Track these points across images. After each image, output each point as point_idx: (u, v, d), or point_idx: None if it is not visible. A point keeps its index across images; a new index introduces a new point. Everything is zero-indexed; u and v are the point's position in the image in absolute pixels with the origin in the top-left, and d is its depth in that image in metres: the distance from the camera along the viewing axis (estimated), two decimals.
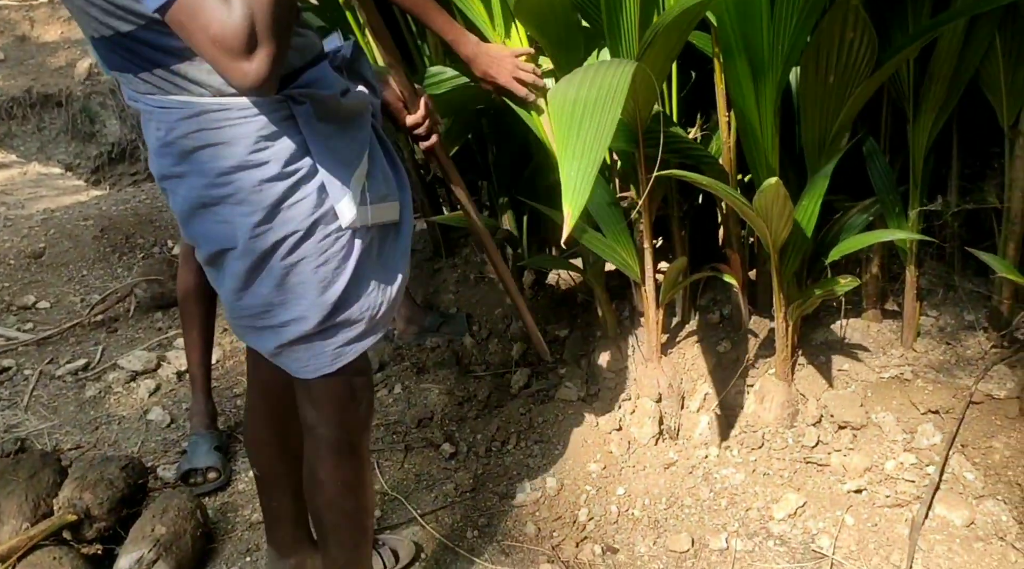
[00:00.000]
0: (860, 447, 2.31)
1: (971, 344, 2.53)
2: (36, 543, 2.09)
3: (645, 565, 2.11)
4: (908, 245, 2.45)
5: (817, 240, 2.41)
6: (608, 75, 1.76)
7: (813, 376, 2.48)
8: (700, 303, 2.81)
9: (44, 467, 2.28)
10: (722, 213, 2.57)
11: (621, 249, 2.41)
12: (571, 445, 2.44)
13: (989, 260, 2.21)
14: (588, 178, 1.64)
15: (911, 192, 2.40)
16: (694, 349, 2.65)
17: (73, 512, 2.15)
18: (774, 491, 2.25)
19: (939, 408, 2.35)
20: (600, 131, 1.67)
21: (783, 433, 2.38)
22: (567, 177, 1.65)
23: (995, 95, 2.28)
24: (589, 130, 1.68)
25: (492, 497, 2.35)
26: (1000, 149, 2.37)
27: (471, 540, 2.22)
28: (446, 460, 2.51)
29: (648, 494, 2.28)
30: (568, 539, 2.19)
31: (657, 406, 2.45)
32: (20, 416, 2.89)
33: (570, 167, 1.66)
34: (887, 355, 2.55)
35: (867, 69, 2.06)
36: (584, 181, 1.64)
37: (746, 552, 2.10)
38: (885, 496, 2.18)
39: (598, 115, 1.69)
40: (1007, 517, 2.07)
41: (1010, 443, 2.23)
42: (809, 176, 2.26)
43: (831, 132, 2.19)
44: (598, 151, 1.66)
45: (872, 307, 2.64)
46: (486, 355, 2.94)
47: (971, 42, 2.17)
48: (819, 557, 2.07)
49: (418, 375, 2.91)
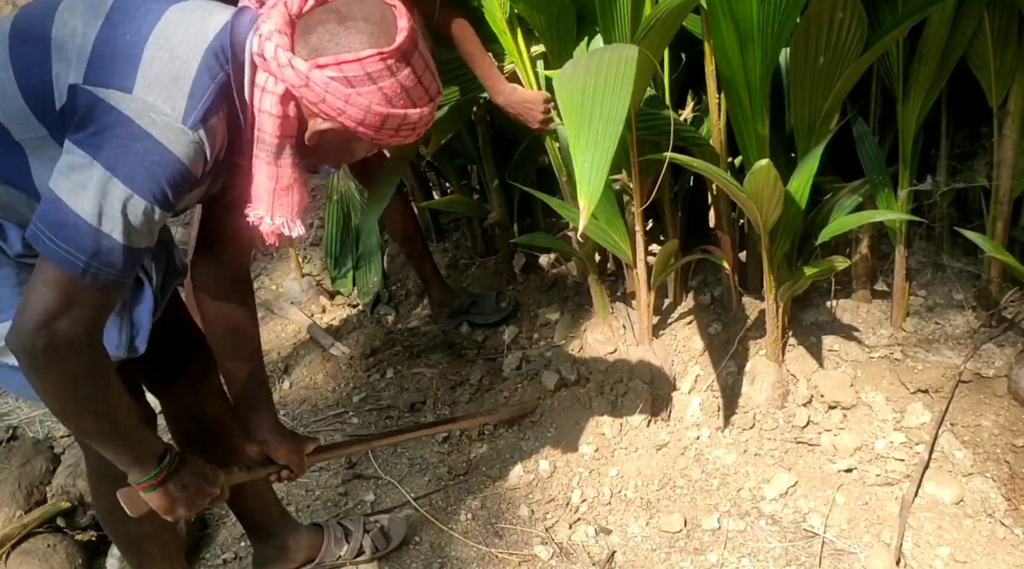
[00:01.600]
0: (850, 427, 2.32)
1: (960, 323, 2.55)
2: (30, 530, 2.09)
3: (638, 546, 2.12)
4: (897, 225, 2.46)
5: (807, 221, 2.42)
6: (612, 62, 1.75)
7: (803, 357, 2.50)
8: (691, 285, 2.82)
9: (37, 455, 2.29)
10: (713, 195, 2.58)
11: (613, 232, 2.42)
12: (563, 428, 2.45)
13: (977, 240, 2.22)
14: (602, 169, 1.63)
15: (900, 173, 2.40)
16: (685, 331, 2.66)
17: (67, 499, 2.15)
18: (765, 471, 2.26)
19: (928, 387, 2.37)
20: (611, 121, 1.66)
21: (774, 413, 2.39)
22: (580, 169, 1.64)
23: (984, 75, 2.28)
24: (600, 120, 1.67)
25: (485, 480, 2.36)
26: (989, 129, 2.38)
27: (465, 523, 2.23)
28: (439, 444, 2.51)
29: (640, 475, 2.29)
30: (561, 521, 2.20)
31: (649, 388, 2.46)
32: (11, 404, 2.88)
33: (583, 158, 1.65)
34: (876, 335, 2.56)
35: (856, 50, 2.06)
36: (598, 172, 1.63)
37: (738, 532, 2.12)
38: (875, 475, 2.20)
39: (607, 104, 1.68)
40: (996, 494, 2.10)
41: (998, 421, 2.25)
42: (799, 157, 2.26)
43: (821, 113, 2.19)
44: (610, 141, 1.65)
45: (862, 287, 2.65)
46: (478, 338, 2.94)
47: (960, 22, 2.17)
48: (810, 536, 2.09)
49: (410, 359, 2.91)
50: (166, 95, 1.19)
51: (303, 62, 1.21)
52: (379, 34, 1.21)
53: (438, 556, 2.14)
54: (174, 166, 1.21)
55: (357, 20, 1.22)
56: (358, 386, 2.84)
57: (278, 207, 1.33)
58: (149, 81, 1.19)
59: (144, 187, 1.19)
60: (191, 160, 1.22)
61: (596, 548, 2.12)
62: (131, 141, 1.18)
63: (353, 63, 1.20)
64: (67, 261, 1.18)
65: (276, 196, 1.33)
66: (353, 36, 1.21)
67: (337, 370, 2.92)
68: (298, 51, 1.23)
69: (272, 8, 1.25)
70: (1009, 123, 2.30)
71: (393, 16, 1.24)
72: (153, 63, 1.19)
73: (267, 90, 1.24)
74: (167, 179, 1.21)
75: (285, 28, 1.23)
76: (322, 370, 2.93)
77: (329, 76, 1.21)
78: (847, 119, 2.41)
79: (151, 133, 1.18)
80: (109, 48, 1.21)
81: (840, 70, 2.10)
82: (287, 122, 1.27)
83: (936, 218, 2.65)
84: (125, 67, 1.20)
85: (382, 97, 1.23)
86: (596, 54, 1.82)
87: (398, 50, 1.22)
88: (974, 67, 2.28)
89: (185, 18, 1.24)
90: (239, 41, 1.25)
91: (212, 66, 1.23)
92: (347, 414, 2.70)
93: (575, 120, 1.68)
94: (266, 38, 1.22)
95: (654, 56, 2.03)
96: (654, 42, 1.97)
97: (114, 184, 1.18)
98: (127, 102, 1.18)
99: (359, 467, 2.46)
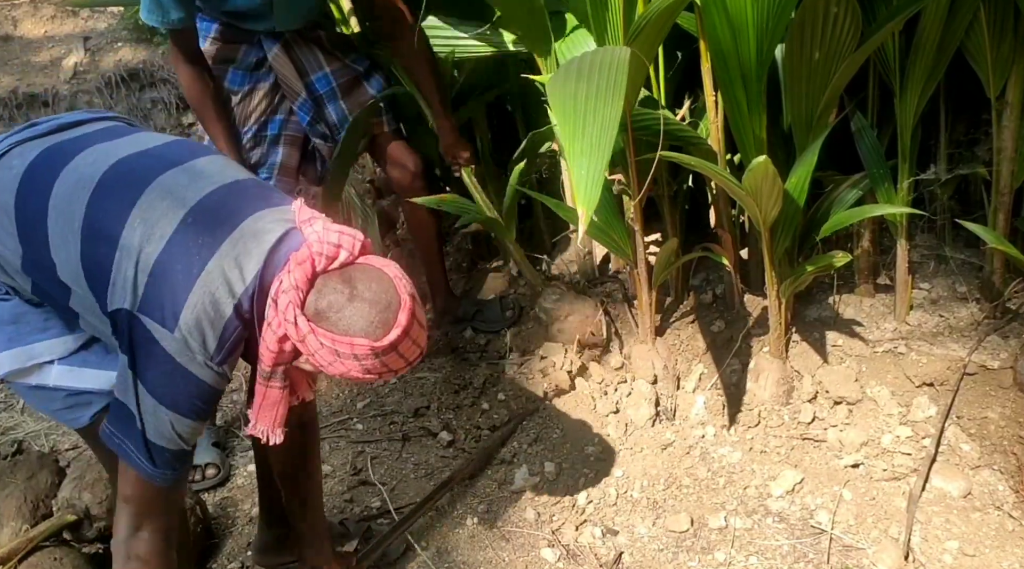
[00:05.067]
0: (856, 422, 2.31)
1: (964, 315, 2.54)
2: (37, 544, 2.09)
3: (645, 546, 2.12)
4: (898, 219, 2.45)
5: (808, 217, 2.41)
6: (604, 66, 1.74)
7: (807, 352, 2.49)
8: (693, 283, 2.81)
9: (42, 468, 2.28)
10: (712, 193, 2.57)
11: (613, 232, 2.41)
12: (568, 429, 2.45)
13: (979, 231, 2.21)
14: (598, 175, 1.62)
15: (900, 166, 2.39)
16: (688, 329, 2.66)
17: (72, 512, 2.15)
18: (771, 468, 2.25)
19: (933, 380, 2.36)
20: (605, 127, 1.65)
21: (779, 410, 2.39)
22: (577, 175, 1.62)
23: (981, 66, 2.27)
24: (594, 126, 1.66)
25: (491, 484, 2.35)
26: (988, 120, 2.37)
27: (471, 527, 2.22)
28: (444, 448, 2.51)
29: (646, 475, 2.29)
30: (568, 523, 2.19)
31: (653, 387, 2.46)
32: (17, 418, 2.89)
33: (579, 165, 1.64)
34: (880, 329, 2.55)
35: (852, 44, 2.05)
36: (595, 178, 1.61)
37: (745, 530, 2.11)
38: (882, 470, 2.19)
39: (601, 109, 1.66)
40: (1003, 486, 2.09)
41: (1005, 413, 2.24)
42: (797, 153, 2.25)
43: (818, 108, 2.18)
44: (605, 147, 1.63)
45: (864, 282, 2.64)
46: (480, 341, 2.94)
47: (955, 14, 2.16)
48: (818, 532, 2.08)
49: (411, 368, 2.90)
50: (201, 340, 1.36)
51: (305, 323, 1.36)
52: (377, 325, 1.36)
53: (445, 561, 2.14)
54: (205, 390, 1.41)
55: (364, 304, 1.36)
56: (362, 392, 2.84)
57: (262, 418, 1.52)
58: (190, 326, 1.35)
59: (184, 408, 1.41)
60: (218, 383, 1.42)
61: (603, 549, 2.12)
62: (172, 375, 1.38)
63: (345, 343, 1.36)
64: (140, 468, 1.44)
65: (262, 410, 1.51)
66: (354, 319, 1.36)
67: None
68: (306, 308, 1.37)
69: (301, 263, 1.37)
70: (1008, 113, 2.29)
71: (397, 306, 1.38)
72: (195, 307, 1.35)
73: (271, 328, 1.39)
74: (200, 398, 1.42)
75: (303, 285, 1.37)
76: (325, 376, 2.92)
77: (321, 342, 1.36)
78: (845, 113, 2.40)
79: (189, 369, 1.37)
80: (164, 282, 1.36)
81: (836, 64, 2.09)
82: (282, 355, 1.43)
83: (937, 210, 2.64)
84: (174, 306, 1.35)
85: (361, 369, 1.39)
86: (588, 58, 1.81)
87: (388, 345, 1.37)
88: (971, 58, 2.27)
89: (233, 254, 1.38)
90: (270, 273, 1.39)
91: (241, 310, 1.39)
92: (351, 420, 2.70)
93: (569, 127, 1.66)
94: (283, 290, 1.37)
95: (648, 55, 2.03)
96: (647, 41, 1.96)
97: (161, 411, 1.40)
98: (169, 341, 1.36)
99: (364, 474, 2.46)
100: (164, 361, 1.36)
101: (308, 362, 1.43)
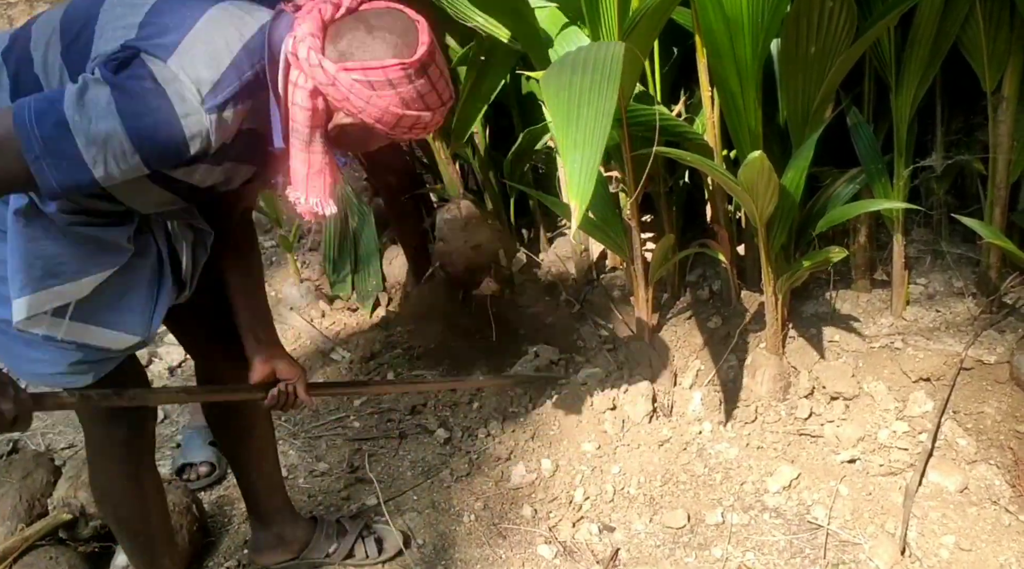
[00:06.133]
0: (853, 417, 2.31)
1: (960, 310, 2.53)
2: (32, 544, 2.09)
3: (642, 542, 2.11)
4: (895, 214, 2.44)
5: (804, 212, 2.41)
6: (599, 60, 1.73)
7: (804, 348, 2.49)
8: (689, 280, 2.81)
9: (37, 467, 2.28)
10: (708, 189, 2.57)
11: (609, 229, 2.41)
12: (565, 426, 2.44)
13: (975, 226, 2.21)
14: (591, 168, 1.62)
15: (896, 161, 2.39)
16: (685, 326, 2.65)
17: (68, 511, 2.15)
18: (768, 464, 2.25)
19: (930, 375, 2.36)
20: (599, 120, 1.65)
21: (776, 406, 2.38)
22: (570, 168, 1.63)
23: (977, 61, 2.27)
24: (588, 119, 1.66)
25: (487, 481, 2.35)
26: (984, 115, 2.37)
27: (468, 524, 2.22)
28: (440, 445, 2.51)
29: (643, 472, 2.29)
30: (565, 519, 2.19)
31: (650, 384, 2.46)
32: None
33: (572, 157, 1.64)
34: (877, 324, 2.55)
35: (847, 38, 2.05)
36: (588, 172, 1.62)
37: (742, 525, 2.11)
38: (879, 465, 2.19)
39: (595, 102, 1.67)
40: (1000, 481, 2.09)
41: (1001, 408, 2.24)
42: (794, 148, 2.25)
43: (814, 103, 2.18)
44: (599, 140, 1.63)
45: (861, 277, 2.64)
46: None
47: (951, 8, 2.16)
48: (815, 528, 2.08)
49: (410, 362, 2.90)
50: (195, 77, 1.28)
51: (332, 64, 1.32)
52: (402, 46, 1.34)
53: (442, 559, 2.14)
54: (174, 135, 1.29)
55: (383, 31, 1.34)
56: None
57: (312, 189, 1.45)
58: (183, 62, 1.27)
59: (136, 132, 1.27)
60: (191, 138, 1.30)
61: (600, 546, 2.12)
62: (151, 95, 1.27)
63: (377, 70, 1.32)
64: (27, 139, 1.24)
65: (310, 179, 1.45)
66: (379, 45, 1.33)
67: (337, 374, 2.91)
68: (328, 54, 1.34)
69: (308, 14, 1.35)
70: (1004, 107, 2.29)
71: (416, 31, 1.36)
72: (192, 49, 1.28)
73: (299, 86, 1.35)
74: (161, 140, 1.29)
75: (318, 32, 1.34)
76: (322, 374, 2.92)
77: (354, 79, 1.33)
78: (841, 108, 2.40)
79: (171, 100, 1.27)
80: (156, 29, 1.31)
81: (832, 59, 2.09)
82: (316, 114, 1.38)
83: (934, 205, 2.64)
84: (167, 41, 1.29)
85: (399, 101, 1.35)
86: (583, 52, 1.80)
87: (418, 62, 1.34)
88: (967, 52, 2.27)
89: (226, 16, 1.33)
90: (276, 42, 1.35)
91: (242, 65, 1.32)
92: (348, 418, 2.70)
93: (563, 120, 1.67)
94: (300, 40, 1.33)
95: (643, 50, 2.02)
96: (642, 37, 1.96)
97: (112, 112, 1.25)
98: (160, 68, 1.27)
99: (361, 471, 2.46)
100: (150, 79, 1.27)
101: (345, 113, 1.38)
